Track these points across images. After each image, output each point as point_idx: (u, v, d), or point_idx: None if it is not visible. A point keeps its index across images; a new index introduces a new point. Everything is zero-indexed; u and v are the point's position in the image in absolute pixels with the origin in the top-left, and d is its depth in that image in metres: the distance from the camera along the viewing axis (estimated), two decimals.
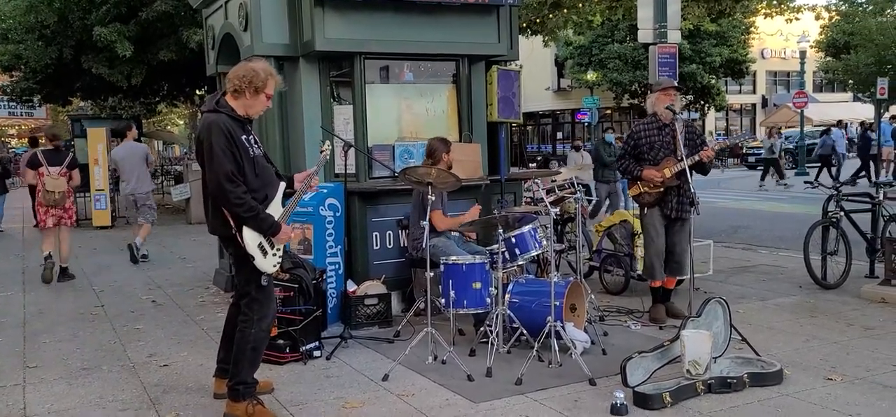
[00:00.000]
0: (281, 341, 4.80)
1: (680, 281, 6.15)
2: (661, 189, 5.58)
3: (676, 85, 5.81)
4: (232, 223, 3.68)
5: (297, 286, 4.90)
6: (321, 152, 4.21)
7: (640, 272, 6.62)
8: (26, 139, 18.49)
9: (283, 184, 3.94)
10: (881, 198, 7.15)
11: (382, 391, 4.28)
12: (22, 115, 30.19)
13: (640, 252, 6.65)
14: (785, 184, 19.09)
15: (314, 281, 5.03)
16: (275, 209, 3.83)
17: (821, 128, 25.49)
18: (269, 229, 3.72)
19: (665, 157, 5.56)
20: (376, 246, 6.06)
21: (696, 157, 5.47)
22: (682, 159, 5.33)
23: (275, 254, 3.82)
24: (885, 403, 3.93)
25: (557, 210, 7.14)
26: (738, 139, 16.19)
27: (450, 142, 5.71)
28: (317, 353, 4.92)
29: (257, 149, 3.83)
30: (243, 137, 3.71)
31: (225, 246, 4.06)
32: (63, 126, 27.12)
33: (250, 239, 3.69)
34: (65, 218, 8.28)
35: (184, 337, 5.67)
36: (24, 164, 9.31)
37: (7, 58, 15.18)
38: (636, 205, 5.86)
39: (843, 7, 30.64)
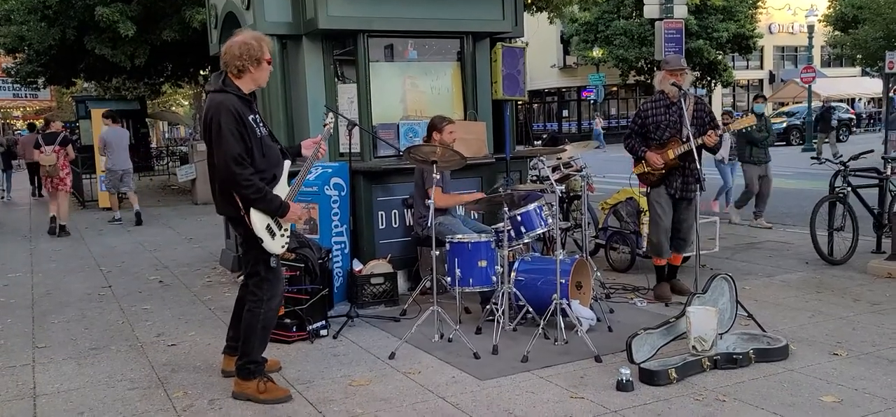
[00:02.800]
0: (288, 320, 4.82)
1: (686, 258, 6.14)
2: (664, 170, 5.55)
3: (685, 66, 5.70)
4: (240, 205, 3.68)
5: (303, 265, 4.91)
6: (325, 125, 4.19)
7: (645, 249, 6.61)
8: (24, 122, 20.46)
9: (288, 163, 3.92)
10: (889, 173, 7.11)
11: (389, 369, 4.30)
12: (26, 97, 30.17)
13: (645, 229, 6.63)
14: None
15: (320, 261, 5.05)
16: (282, 188, 3.81)
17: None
18: (277, 210, 3.72)
19: (671, 138, 5.52)
20: (382, 225, 6.06)
21: (699, 142, 5.40)
22: (687, 140, 5.28)
23: (283, 235, 3.82)
24: (890, 377, 3.93)
25: (563, 188, 7.13)
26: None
27: (448, 119, 5.65)
28: (323, 332, 4.94)
29: (263, 128, 3.81)
30: (251, 117, 3.68)
31: (233, 227, 4.05)
32: (68, 108, 27.12)
33: (258, 221, 3.69)
34: (60, 185, 10.39)
35: (191, 316, 5.70)
36: (31, 146, 11.40)
37: (10, 39, 15.14)
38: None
39: None
